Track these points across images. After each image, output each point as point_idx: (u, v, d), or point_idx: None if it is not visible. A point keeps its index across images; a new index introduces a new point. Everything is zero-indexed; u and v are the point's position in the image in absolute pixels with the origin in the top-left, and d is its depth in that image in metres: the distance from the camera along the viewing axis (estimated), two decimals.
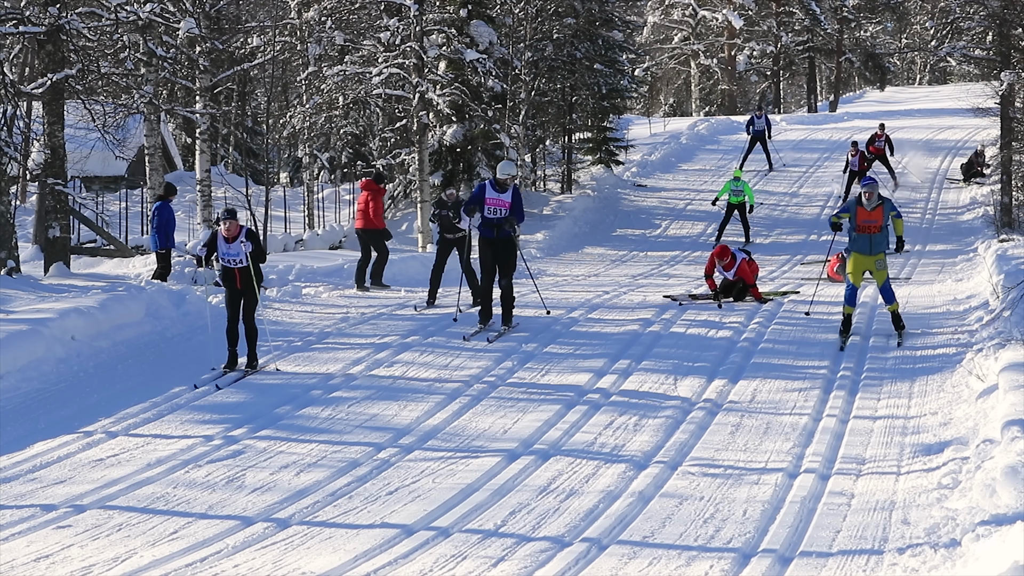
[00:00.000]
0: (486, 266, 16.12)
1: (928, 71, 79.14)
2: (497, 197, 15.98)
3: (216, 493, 10.26)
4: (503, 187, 16.00)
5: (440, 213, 19.36)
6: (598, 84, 37.29)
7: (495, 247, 16.07)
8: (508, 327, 16.18)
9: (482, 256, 16.15)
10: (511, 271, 16.18)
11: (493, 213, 16.02)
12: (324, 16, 35.30)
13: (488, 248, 16.09)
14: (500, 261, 16.08)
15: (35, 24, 22.34)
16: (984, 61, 39.85)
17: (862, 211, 16.16)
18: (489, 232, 16.06)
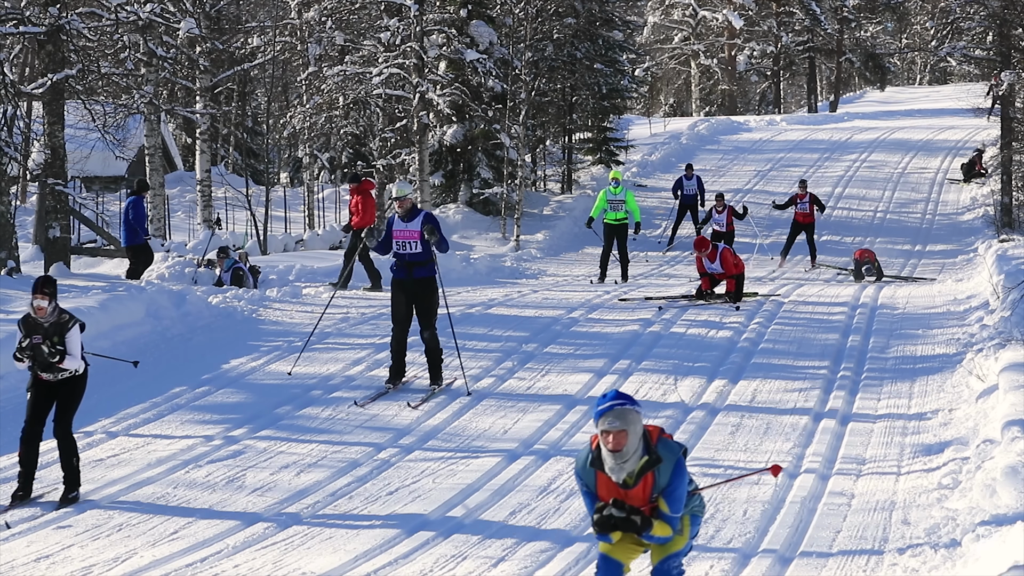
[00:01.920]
0: (398, 315, 13.31)
1: (928, 71, 79.12)
2: (404, 228, 13.18)
3: (216, 493, 10.25)
4: (409, 214, 13.22)
5: None
6: (598, 84, 37.28)
7: (408, 291, 13.31)
8: (439, 385, 13.37)
9: (394, 303, 13.39)
10: (432, 319, 13.33)
11: (403, 248, 13.28)
12: (324, 16, 35.29)
13: (400, 293, 13.34)
14: (417, 309, 13.32)
15: (35, 24, 22.35)
16: (984, 61, 39.84)
17: None
18: (400, 273, 13.30)
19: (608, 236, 22.53)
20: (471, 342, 15.76)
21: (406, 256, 13.24)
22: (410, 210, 13.26)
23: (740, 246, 25.33)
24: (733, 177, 39.19)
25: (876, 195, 35.96)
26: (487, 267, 25.19)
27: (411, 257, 13.22)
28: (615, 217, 22.29)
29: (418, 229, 13.10)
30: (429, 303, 13.31)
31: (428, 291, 13.30)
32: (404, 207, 13.20)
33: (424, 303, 13.29)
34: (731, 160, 41.91)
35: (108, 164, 35.31)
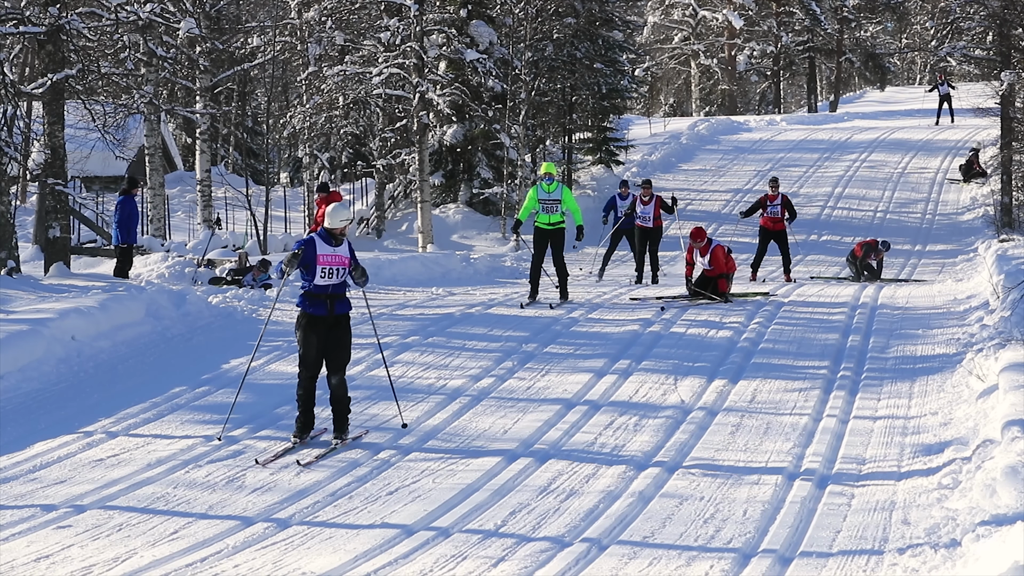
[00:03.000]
0: (309, 359, 11.44)
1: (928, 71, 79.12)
2: (332, 253, 11.42)
3: (216, 493, 10.25)
4: (338, 238, 11.49)
5: None
6: (598, 84, 37.30)
7: (325, 330, 11.43)
8: (344, 438, 11.58)
9: (306, 344, 11.45)
10: (346, 363, 11.72)
11: (327, 277, 11.39)
12: (324, 16, 35.31)
13: (312, 332, 11.40)
14: (331, 351, 11.50)
15: (35, 24, 22.35)
16: (984, 61, 39.84)
17: None
18: (317, 307, 11.41)
19: (540, 244, 18.40)
20: (471, 342, 15.77)
21: (328, 288, 11.38)
22: (336, 234, 11.51)
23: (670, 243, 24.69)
24: (733, 177, 39.21)
25: (876, 195, 35.97)
26: (487, 267, 25.20)
27: (334, 289, 11.44)
28: (549, 221, 18.26)
29: (348, 255, 11.47)
30: (347, 344, 11.62)
31: (347, 330, 11.62)
32: (345, 234, 11.56)
33: (341, 344, 11.53)
34: (731, 160, 41.92)
35: (108, 164, 35.32)
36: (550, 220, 18.30)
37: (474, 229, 31.92)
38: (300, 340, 11.51)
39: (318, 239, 11.42)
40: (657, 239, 22.56)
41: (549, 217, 18.29)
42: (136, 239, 22.08)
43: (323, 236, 11.44)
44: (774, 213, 23.10)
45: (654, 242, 22.62)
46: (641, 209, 22.41)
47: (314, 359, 11.46)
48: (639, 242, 22.76)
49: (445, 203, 33.53)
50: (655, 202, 22.35)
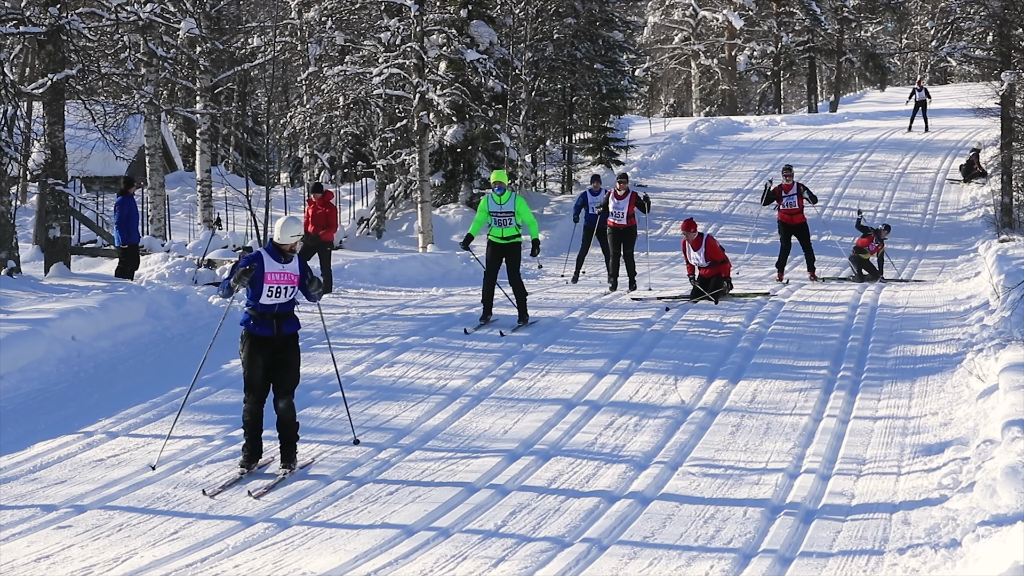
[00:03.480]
0: (255, 382, 10.66)
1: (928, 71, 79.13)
2: (281, 270, 10.61)
3: (216, 493, 10.25)
4: (288, 254, 10.67)
5: None
6: (598, 84, 37.31)
7: (271, 352, 10.66)
8: (292, 467, 10.76)
9: (250, 366, 10.66)
10: (294, 386, 10.84)
11: (275, 295, 10.60)
12: (324, 16, 35.31)
13: (258, 354, 10.62)
14: (278, 374, 10.70)
15: (35, 24, 22.35)
16: (984, 61, 39.86)
17: None
18: (263, 328, 10.61)
19: (493, 260, 16.64)
20: (471, 342, 15.78)
21: (275, 307, 10.60)
22: (285, 250, 10.68)
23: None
24: (733, 177, 39.22)
25: (876, 195, 35.97)
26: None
27: (281, 308, 10.64)
28: (502, 235, 16.53)
29: (297, 273, 10.65)
30: (295, 366, 10.79)
31: (295, 351, 10.82)
32: (295, 250, 10.69)
33: (289, 366, 10.73)
34: (731, 160, 41.93)
35: (108, 164, 35.34)
36: (503, 234, 16.53)
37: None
38: (244, 362, 10.66)
39: (266, 255, 10.55)
40: (632, 240, 20.35)
41: (502, 231, 16.51)
42: (139, 238, 22.06)
43: (271, 252, 10.55)
44: (791, 204, 21.20)
45: (628, 243, 20.31)
46: (615, 204, 20.06)
47: (260, 382, 10.66)
48: (612, 243, 20.33)
49: (445, 203, 33.53)
50: (630, 198, 20.08)
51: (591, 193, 22.33)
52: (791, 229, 21.41)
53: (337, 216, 21.58)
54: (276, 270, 10.58)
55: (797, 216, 21.32)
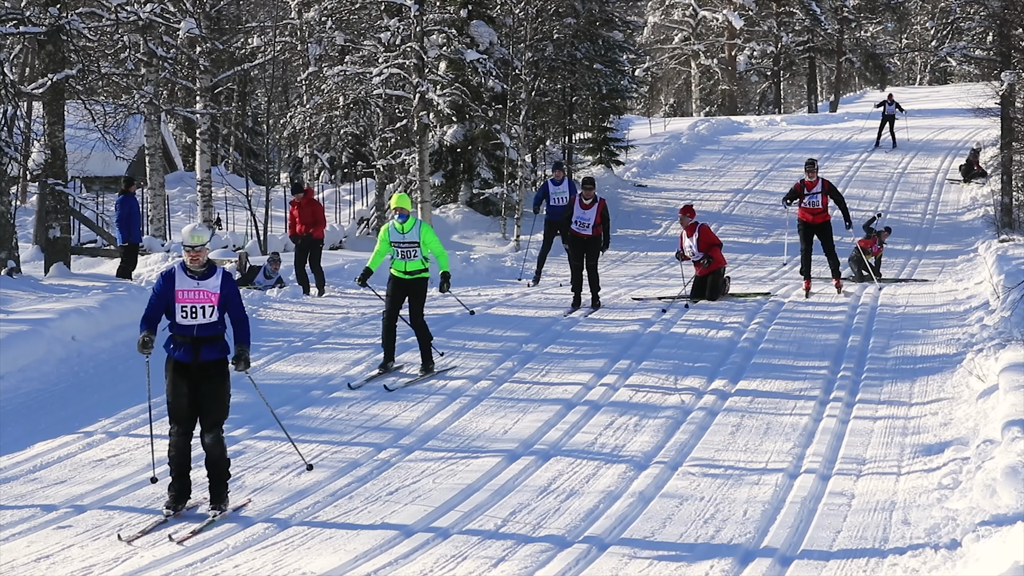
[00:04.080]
0: (178, 411, 9.63)
1: (928, 71, 79.15)
2: (195, 287, 9.62)
3: None
4: (202, 270, 9.65)
5: None
6: (598, 84, 37.31)
7: (189, 381, 9.62)
8: (222, 509, 9.70)
9: (173, 395, 9.64)
10: (221, 419, 9.72)
11: (188, 316, 9.63)
12: (324, 16, 35.32)
13: (181, 381, 9.63)
14: (202, 403, 9.64)
15: (35, 24, 22.35)
16: (984, 61, 39.86)
17: None
18: (184, 353, 9.64)
19: (394, 297, 14.18)
20: (471, 342, 15.77)
21: (193, 329, 9.61)
22: (207, 264, 9.71)
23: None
24: (733, 177, 39.22)
25: (876, 195, 35.96)
26: (487, 267, 25.19)
27: (201, 331, 9.61)
28: (405, 269, 14.06)
29: (217, 291, 9.62)
30: (221, 397, 9.67)
31: (221, 380, 9.65)
32: (199, 261, 9.63)
33: (214, 397, 9.63)
34: (731, 160, 41.92)
35: (108, 164, 35.35)
36: (406, 268, 14.06)
37: (474, 229, 31.93)
38: (167, 389, 9.68)
39: (178, 270, 9.65)
40: (596, 251, 18.17)
41: (405, 264, 14.04)
42: (140, 238, 22.04)
43: (183, 266, 9.63)
44: (813, 203, 19.02)
45: (592, 255, 18.14)
46: (579, 213, 18.05)
47: (185, 413, 9.61)
48: (573, 254, 18.26)
49: (445, 203, 33.53)
50: (598, 208, 18.03)
51: (552, 183, 21.08)
52: (812, 229, 19.17)
53: (324, 211, 21.44)
54: (188, 287, 9.60)
55: (820, 216, 19.09)
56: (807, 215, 19.08)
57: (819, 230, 19.10)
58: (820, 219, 19.09)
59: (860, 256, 23.12)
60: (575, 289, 18.25)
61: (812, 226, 19.11)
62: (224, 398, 9.70)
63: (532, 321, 17.17)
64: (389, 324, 14.19)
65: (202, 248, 9.59)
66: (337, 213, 35.46)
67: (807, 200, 18.99)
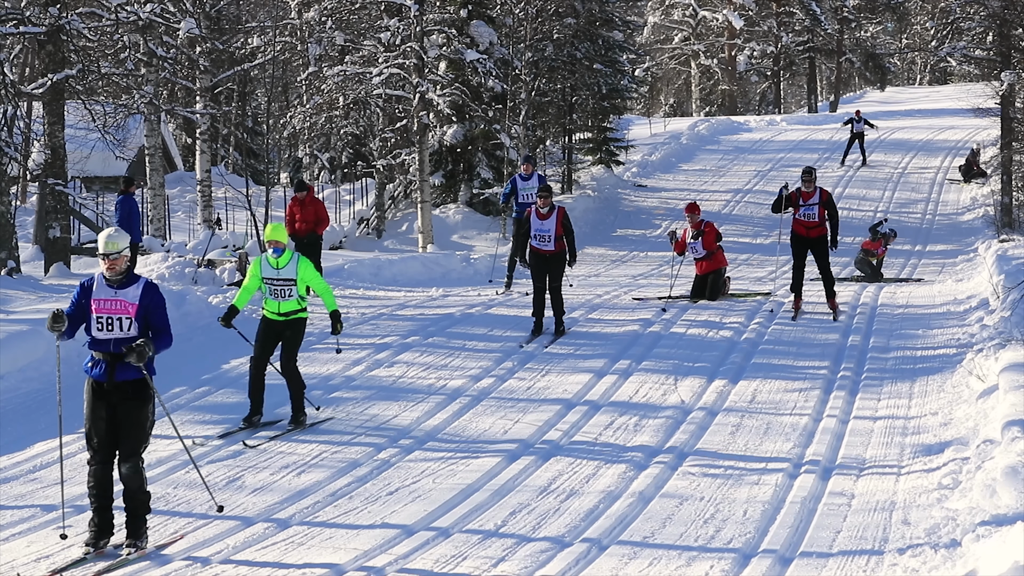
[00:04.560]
0: (96, 436, 8.89)
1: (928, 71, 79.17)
2: (113, 297, 8.86)
3: (216, 493, 10.24)
4: (120, 279, 8.91)
5: None
6: (598, 84, 37.31)
7: (107, 403, 8.87)
8: (139, 546, 8.93)
9: (92, 417, 8.94)
10: (139, 447, 8.94)
11: (104, 328, 8.85)
12: (324, 16, 35.32)
13: (98, 401, 8.90)
14: (119, 428, 8.87)
15: (35, 24, 22.37)
16: (984, 61, 39.86)
17: None
18: (99, 371, 8.89)
19: (264, 341, 12.46)
20: (471, 342, 15.77)
21: (109, 344, 8.83)
22: (126, 272, 8.95)
23: None
24: (733, 177, 39.21)
25: (876, 195, 35.97)
26: (487, 267, 25.18)
27: (117, 345, 8.81)
28: (279, 309, 12.35)
29: (136, 302, 8.87)
30: (138, 423, 8.86)
31: (139, 404, 8.88)
32: (115, 269, 8.87)
33: (130, 421, 8.84)
34: (731, 160, 41.92)
35: (108, 164, 35.34)
36: (280, 309, 12.32)
37: (474, 229, 31.93)
38: (84, 413, 8.97)
39: (98, 279, 8.89)
40: (559, 270, 16.05)
41: (279, 304, 12.31)
42: (139, 238, 22.05)
43: (103, 275, 8.89)
44: (809, 216, 17.24)
45: (555, 274, 15.99)
46: (537, 225, 15.98)
47: (103, 439, 8.81)
48: (535, 274, 16.14)
49: (445, 203, 33.53)
50: (557, 217, 15.92)
51: (521, 178, 19.60)
52: (806, 244, 17.39)
53: (326, 210, 21.42)
54: (106, 296, 8.83)
55: (816, 229, 17.29)
56: (801, 228, 17.35)
57: (814, 245, 17.34)
58: (816, 233, 17.31)
59: (865, 257, 23.22)
60: (536, 314, 16.15)
61: (806, 240, 17.38)
62: (143, 423, 8.87)
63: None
64: (257, 373, 12.32)
65: (118, 256, 8.80)
66: (337, 213, 35.46)
67: (802, 212, 17.27)
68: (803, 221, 17.32)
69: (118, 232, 8.93)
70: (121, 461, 8.88)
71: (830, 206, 17.25)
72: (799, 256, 17.48)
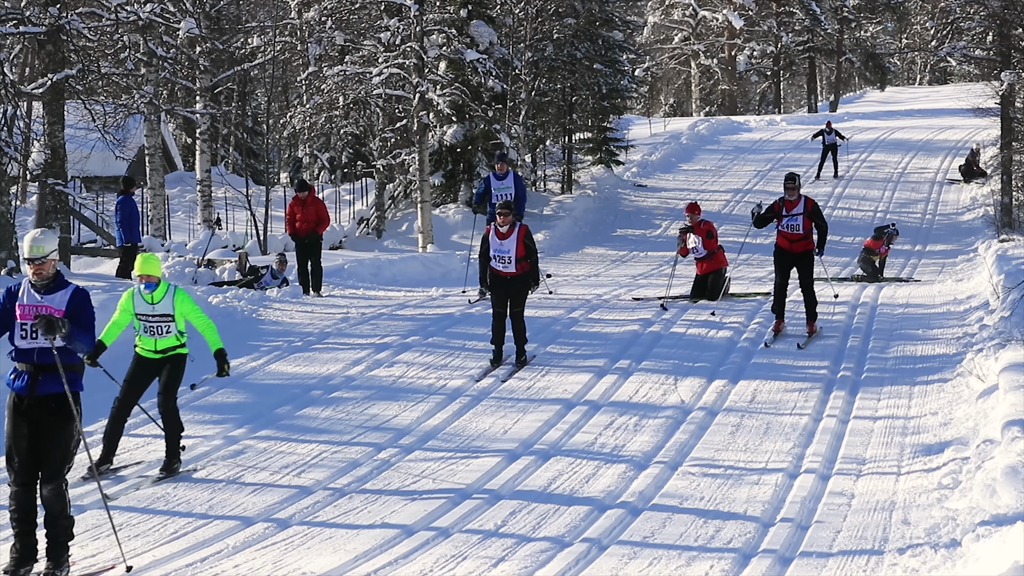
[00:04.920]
0: (16, 454, 8.30)
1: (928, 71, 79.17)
2: (39, 303, 8.32)
3: (216, 493, 10.25)
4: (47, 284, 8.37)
5: None
6: (598, 84, 37.32)
7: (29, 419, 8.31)
8: (60, 574, 8.36)
9: (12, 436, 8.34)
10: (62, 467, 8.36)
11: (28, 336, 8.31)
12: (324, 16, 35.32)
13: (21, 416, 8.32)
14: (40, 445, 8.31)
15: (35, 24, 22.36)
16: (984, 61, 39.87)
17: None
18: (21, 383, 8.34)
19: (136, 381, 11.31)
20: (471, 342, 15.76)
21: (33, 354, 8.27)
22: (54, 277, 8.39)
23: None
24: (733, 177, 39.22)
25: (876, 195, 35.99)
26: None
27: (41, 356, 8.24)
28: (155, 347, 11.15)
29: (63, 307, 8.26)
30: (60, 442, 8.28)
31: (61, 420, 8.28)
32: (42, 274, 8.33)
33: (51, 440, 8.26)
34: (731, 160, 41.93)
35: (108, 164, 35.35)
36: (156, 346, 11.10)
37: (474, 229, 31.95)
38: (5, 429, 8.36)
39: (25, 283, 8.40)
40: (522, 293, 14.71)
41: (155, 341, 11.08)
42: (139, 238, 22.05)
43: (34, 284, 8.34)
44: (793, 227, 15.59)
45: (517, 299, 14.66)
46: (496, 245, 14.59)
47: (25, 456, 8.23)
48: (495, 298, 14.75)
49: (445, 203, 33.54)
50: (518, 237, 14.53)
51: (495, 177, 18.46)
52: (791, 260, 15.72)
53: (327, 209, 21.43)
54: (31, 302, 8.28)
55: (800, 243, 15.63)
56: (785, 241, 15.66)
57: (798, 260, 15.68)
58: (800, 247, 15.64)
59: (868, 256, 23.26)
60: (495, 341, 14.71)
61: (791, 256, 15.67)
62: (66, 442, 8.25)
63: (532, 321, 17.13)
64: (120, 415, 11.08)
65: (44, 260, 8.23)
66: (337, 213, 35.46)
67: (786, 223, 15.57)
68: (787, 233, 15.62)
69: (44, 234, 8.42)
70: (43, 483, 8.30)
71: (816, 216, 15.59)
72: (782, 273, 15.71)
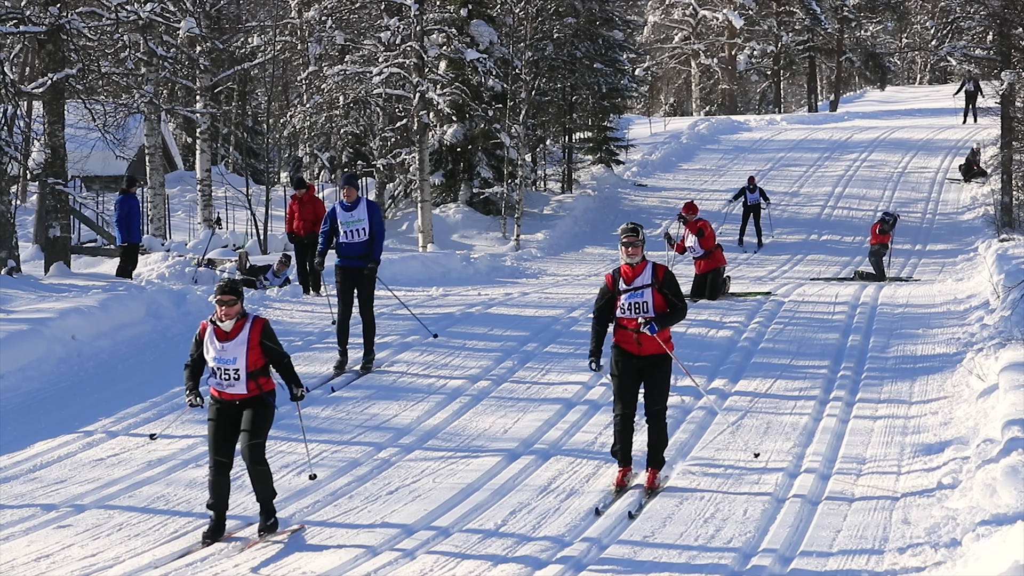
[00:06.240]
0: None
1: (928, 71, 79.13)
2: None
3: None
4: None
5: None
6: (598, 83, 37.28)
7: None
8: None
9: None
10: None
11: None
12: (324, 16, 35.31)
13: None
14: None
15: (35, 24, 22.35)
16: (984, 61, 39.85)
17: None
18: None
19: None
20: (471, 342, 15.77)
21: None
22: None
23: None
24: (733, 177, 39.16)
25: (876, 195, 35.96)
26: (487, 267, 25.19)
27: None
28: None
29: None
30: None
31: None
32: None
33: None
34: (731, 160, 41.90)
35: (108, 164, 35.31)
36: None
37: (474, 229, 31.93)
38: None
39: None
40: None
41: None
42: (139, 237, 22.04)
43: None
44: (636, 308, 10.03)
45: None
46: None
47: None
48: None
49: (445, 203, 33.52)
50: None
51: (342, 207, 13.80)
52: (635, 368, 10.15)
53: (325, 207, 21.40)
54: None
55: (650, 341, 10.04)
56: (626, 336, 10.18)
57: (648, 369, 10.20)
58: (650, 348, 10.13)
59: (881, 250, 23.33)
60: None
61: (634, 360, 10.20)
62: None
63: (532, 321, 17.16)
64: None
65: None
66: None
67: (624, 302, 10.13)
68: (627, 322, 10.10)
69: None
70: None
71: (670, 286, 10.08)
72: (627, 389, 10.18)
